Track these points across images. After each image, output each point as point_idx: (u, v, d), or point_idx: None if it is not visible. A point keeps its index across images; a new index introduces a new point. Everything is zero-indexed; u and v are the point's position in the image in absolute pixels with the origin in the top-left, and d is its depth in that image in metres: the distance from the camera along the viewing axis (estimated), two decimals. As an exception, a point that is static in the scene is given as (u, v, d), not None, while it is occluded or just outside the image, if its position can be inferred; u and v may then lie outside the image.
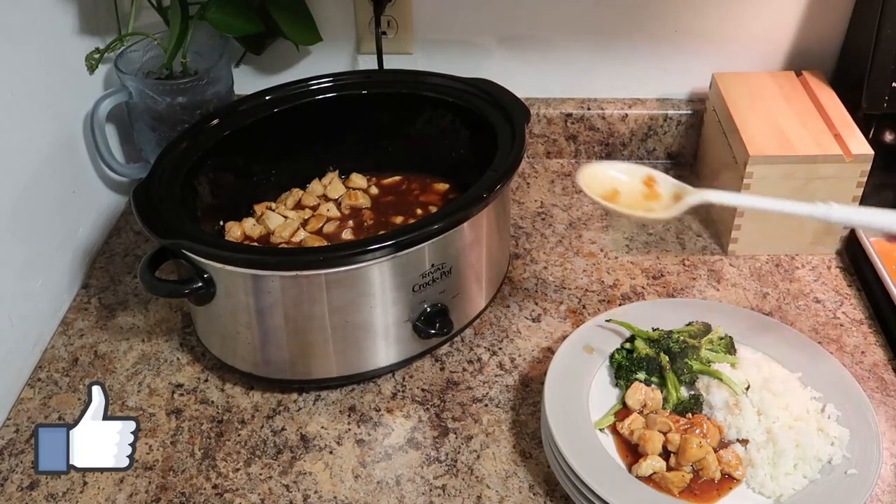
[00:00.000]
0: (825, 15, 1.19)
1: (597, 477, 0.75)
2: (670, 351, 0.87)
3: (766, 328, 0.92)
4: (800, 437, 0.79)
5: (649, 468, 0.79)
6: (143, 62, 1.15)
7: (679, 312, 0.93)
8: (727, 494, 0.78)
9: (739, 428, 0.82)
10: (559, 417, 0.81)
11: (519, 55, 1.26)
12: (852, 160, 1.02)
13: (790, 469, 0.78)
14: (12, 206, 0.96)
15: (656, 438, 0.81)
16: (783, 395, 0.83)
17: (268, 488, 0.84)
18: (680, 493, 0.77)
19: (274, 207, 1.07)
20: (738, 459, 0.80)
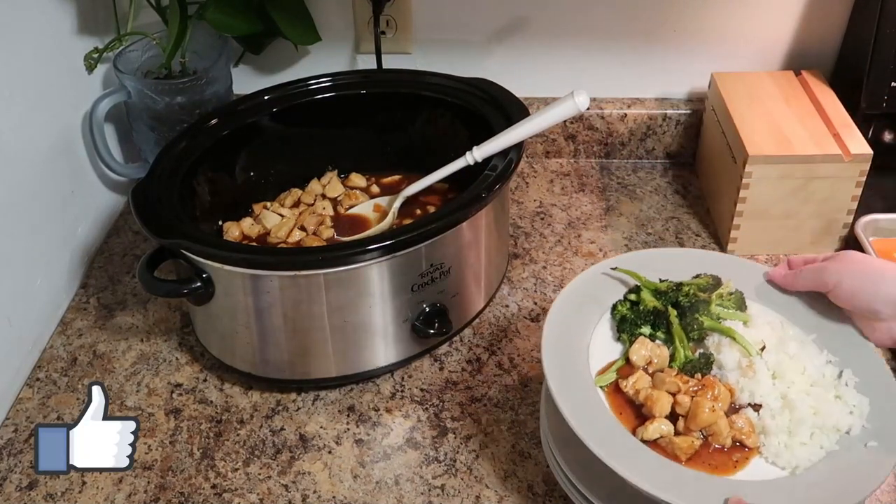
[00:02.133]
0: (824, 15, 1.19)
1: (598, 439, 0.69)
2: (679, 305, 0.80)
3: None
4: (818, 403, 0.73)
5: (656, 431, 0.73)
6: (142, 62, 1.15)
7: (687, 264, 0.86)
8: (745, 466, 0.72)
9: (753, 391, 0.75)
10: (557, 372, 0.75)
11: (518, 55, 1.26)
12: (851, 160, 1.02)
13: (806, 438, 0.72)
14: (11, 206, 0.96)
15: (665, 399, 0.74)
16: (799, 358, 0.77)
17: (267, 488, 0.84)
18: (687, 460, 0.72)
19: (269, 206, 1.07)
20: (750, 426, 0.73)
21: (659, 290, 0.83)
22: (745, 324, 0.80)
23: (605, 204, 1.22)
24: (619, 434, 0.72)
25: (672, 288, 0.82)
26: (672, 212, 1.20)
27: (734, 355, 0.78)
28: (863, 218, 1.07)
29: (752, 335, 0.79)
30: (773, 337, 0.80)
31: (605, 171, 1.29)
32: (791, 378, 0.76)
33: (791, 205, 1.06)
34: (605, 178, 1.27)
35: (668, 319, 0.80)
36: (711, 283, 0.84)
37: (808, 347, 0.79)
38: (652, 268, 0.85)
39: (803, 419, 0.73)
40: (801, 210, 1.06)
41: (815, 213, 1.07)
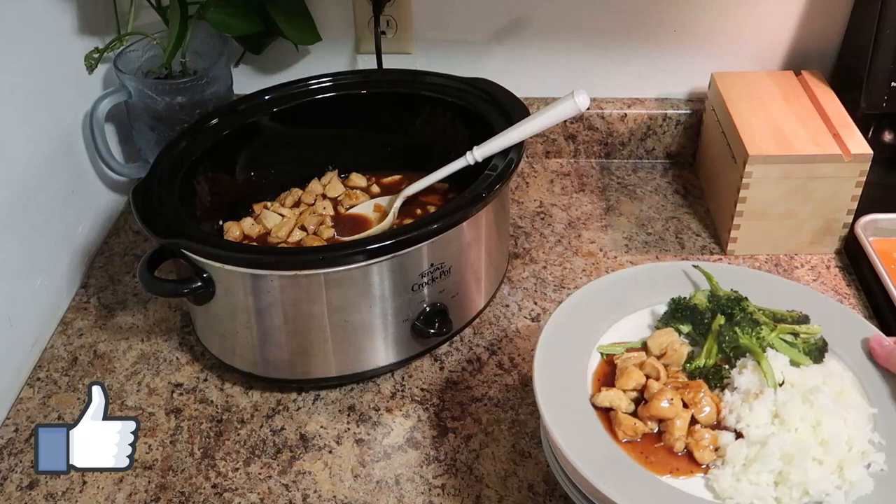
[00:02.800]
0: (824, 14, 1.19)
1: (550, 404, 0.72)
2: (731, 316, 0.79)
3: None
4: (800, 455, 0.69)
5: (606, 399, 0.73)
6: (143, 62, 1.15)
7: (789, 296, 0.84)
8: (681, 476, 0.70)
9: (741, 417, 0.73)
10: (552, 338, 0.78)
11: (518, 55, 1.26)
12: (851, 160, 1.02)
13: (760, 480, 0.69)
14: (11, 206, 0.96)
15: (634, 376, 0.74)
16: (824, 412, 0.71)
17: (267, 488, 0.84)
18: (626, 443, 0.71)
19: (270, 206, 1.07)
20: (713, 444, 0.71)
21: (719, 296, 0.82)
22: (799, 366, 0.77)
23: (606, 204, 1.22)
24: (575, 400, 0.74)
25: (731, 297, 0.81)
26: (672, 212, 1.20)
27: (751, 379, 0.75)
28: (863, 218, 1.07)
29: (797, 376, 0.75)
30: (812, 382, 0.75)
31: (605, 171, 1.29)
32: (794, 424, 0.72)
33: (791, 205, 1.06)
34: (605, 178, 1.27)
35: (709, 324, 0.80)
36: (797, 319, 0.81)
37: (850, 412, 0.73)
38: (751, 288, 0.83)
39: (768, 458, 0.69)
40: (801, 210, 1.06)
41: (815, 213, 1.07)
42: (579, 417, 0.74)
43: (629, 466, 0.70)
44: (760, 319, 0.79)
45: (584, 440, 0.72)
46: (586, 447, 0.71)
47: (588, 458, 0.69)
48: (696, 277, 0.87)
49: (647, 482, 0.69)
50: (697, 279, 0.87)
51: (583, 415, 0.74)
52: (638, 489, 0.68)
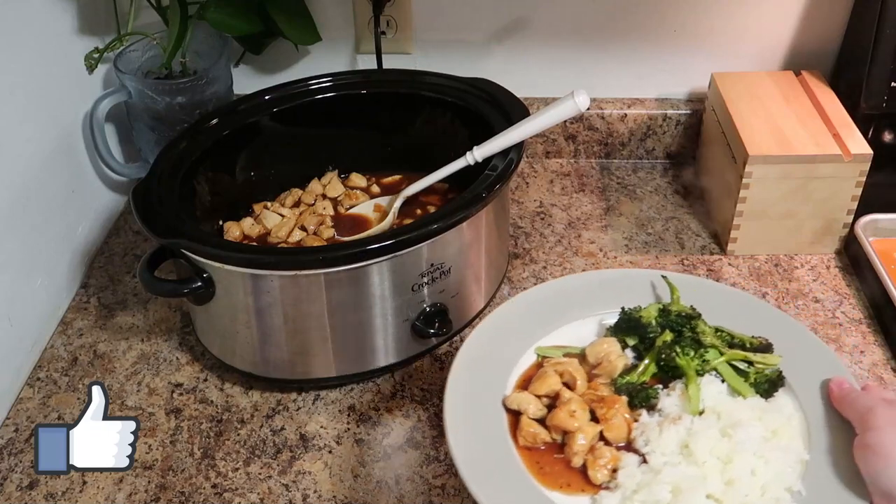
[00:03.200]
0: (824, 15, 1.19)
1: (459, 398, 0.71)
2: (680, 334, 0.75)
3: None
4: (691, 491, 0.64)
5: (515, 401, 0.72)
6: (143, 62, 1.15)
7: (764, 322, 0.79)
8: (569, 492, 0.67)
9: (649, 441, 0.69)
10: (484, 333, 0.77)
11: (518, 55, 1.26)
12: (851, 160, 1.02)
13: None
14: (11, 206, 0.96)
15: (550, 381, 0.72)
16: (739, 449, 0.67)
17: (267, 488, 0.84)
18: (527, 449, 0.69)
19: (270, 206, 1.07)
20: (613, 464, 0.68)
21: (670, 311, 0.78)
22: (742, 397, 0.73)
23: (605, 204, 1.22)
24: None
25: (683, 315, 0.77)
26: (672, 212, 1.20)
27: (675, 403, 0.72)
28: (863, 218, 1.07)
29: (730, 407, 0.71)
30: (739, 417, 0.70)
31: (605, 171, 1.29)
32: (702, 457, 0.67)
33: (791, 205, 1.06)
34: (605, 178, 1.27)
35: (654, 339, 0.76)
36: (757, 346, 0.76)
37: (785, 458, 0.67)
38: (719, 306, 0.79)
39: (656, 491, 0.65)
40: (801, 210, 1.06)
41: (815, 213, 1.07)
42: (486, 416, 0.71)
43: (516, 474, 0.68)
44: (709, 342, 0.75)
45: (480, 439, 0.69)
46: (477, 447, 0.68)
47: (473, 458, 0.67)
48: (661, 288, 0.84)
49: (528, 493, 0.66)
50: (662, 290, 0.84)
51: (491, 414, 0.72)
52: (511, 498, 0.65)
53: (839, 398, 0.70)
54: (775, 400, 0.73)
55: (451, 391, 0.72)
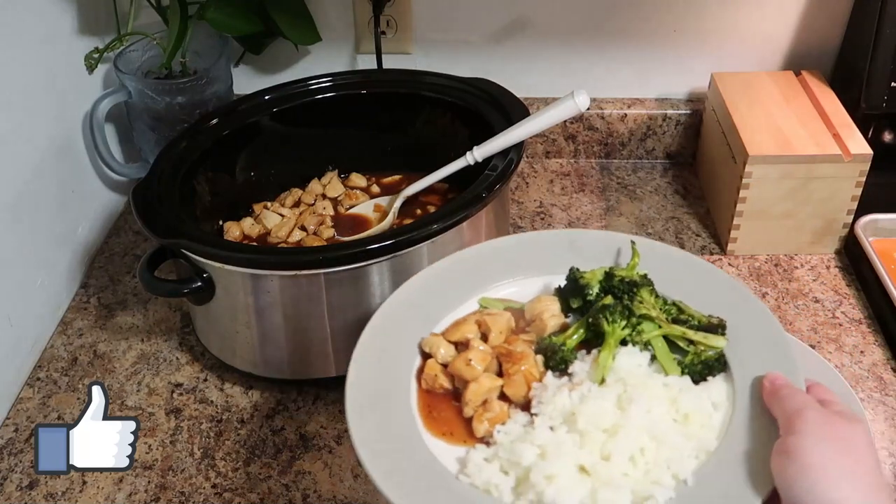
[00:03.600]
0: (824, 15, 1.19)
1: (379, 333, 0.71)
2: (619, 298, 0.70)
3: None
4: (554, 459, 0.60)
5: (428, 344, 0.71)
6: (143, 62, 1.15)
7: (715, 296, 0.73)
8: (451, 441, 0.65)
9: (541, 401, 0.65)
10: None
11: (518, 55, 1.26)
12: (851, 160, 1.02)
13: (509, 470, 0.62)
14: (11, 206, 0.96)
15: (465, 328, 0.71)
16: (627, 425, 0.62)
17: (267, 488, 0.84)
18: (426, 392, 0.68)
19: (270, 206, 1.07)
20: (501, 420, 0.65)
21: (613, 275, 0.73)
22: (666, 374, 0.67)
23: (605, 204, 1.22)
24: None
25: (628, 281, 0.72)
26: (672, 212, 1.20)
27: (586, 370, 0.68)
28: (863, 218, 1.07)
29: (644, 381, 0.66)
30: (658, 394, 0.65)
31: (605, 171, 1.29)
32: (584, 427, 0.62)
33: (791, 205, 1.06)
34: (605, 178, 1.27)
35: (592, 302, 0.72)
36: (706, 325, 0.70)
37: (683, 445, 0.62)
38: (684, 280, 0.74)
39: (520, 453, 0.61)
40: (801, 210, 1.06)
41: (815, 213, 1.07)
42: (399, 355, 0.70)
43: (402, 413, 0.66)
44: (650, 313, 0.69)
45: (381, 375, 0.69)
46: (375, 381, 0.68)
47: (365, 390, 0.67)
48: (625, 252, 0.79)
49: (405, 432, 0.65)
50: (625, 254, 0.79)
51: (405, 354, 0.71)
52: (384, 434, 0.64)
53: (770, 394, 0.63)
54: (707, 385, 0.66)
55: (373, 326, 0.71)
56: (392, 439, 0.64)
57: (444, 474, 0.62)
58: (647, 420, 0.63)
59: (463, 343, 0.71)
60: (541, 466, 0.60)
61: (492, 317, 0.73)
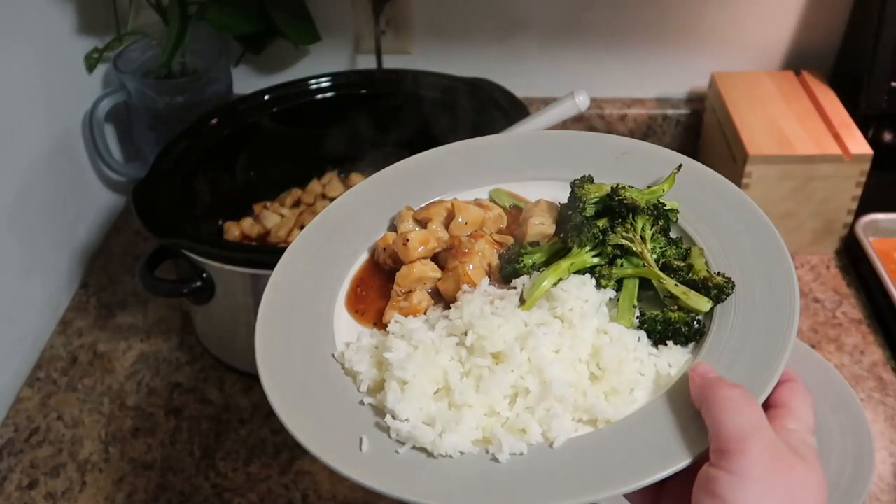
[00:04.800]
0: (824, 15, 1.19)
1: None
2: (614, 220, 0.61)
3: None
4: (416, 360, 0.54)
5: (399, 216, 0.66)
6: (142, 61, 1.15)
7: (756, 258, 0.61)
8: (357, 318, 0.61)
9: (458, 306, 0.58)
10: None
11: (517, 55, 1.26)
12: (851, 160, 1.02)
13: (370, 355, 0.57)
14: (11, 206, 0.96)
15: (435, 210, 0.66)
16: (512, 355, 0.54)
17: (267, 488, 0.84)
18: (370, 260, 0.64)
19: (269, 206, 1.07)
20: (414, 311, 0.60)
21: (620, 195, 0.61)
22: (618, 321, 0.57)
23: (605, 204, 1.21)
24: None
25: (628, 205, 0.60)
26: (672, 212, 1.19)
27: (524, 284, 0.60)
28: (863, 218, 1.07)
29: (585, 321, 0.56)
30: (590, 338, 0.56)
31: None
32: (470, 343, 0.55)
33: (791, 205, 1.06)
34: (605, 178, 1.27)
35: (588, 219, 0.61)
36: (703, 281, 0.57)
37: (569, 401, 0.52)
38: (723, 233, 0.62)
39: (395, 348, 0.56)
40: (801, 210, 1.06)
41: (815, 213, 1.07)
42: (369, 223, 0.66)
43: (326, 283, 0.62)
44: (633, 247, 0.59)
45: (335, 246, 0.65)
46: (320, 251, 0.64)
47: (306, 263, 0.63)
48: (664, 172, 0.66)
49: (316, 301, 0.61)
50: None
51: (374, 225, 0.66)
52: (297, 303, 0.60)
53: (698, 386, 0.49)
54: (663, 351, 0.55)
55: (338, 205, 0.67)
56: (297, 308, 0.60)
57: (321, 348, 0.58)
58: (541, 361, 0.53)
59: (423, 223, 0.65)
60: (396, 367, 0.54)
61: (464, 205, 0.65)
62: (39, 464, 0.87)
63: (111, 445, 0.89)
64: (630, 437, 0.50)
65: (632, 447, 0.50)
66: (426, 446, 0.51)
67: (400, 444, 0.52)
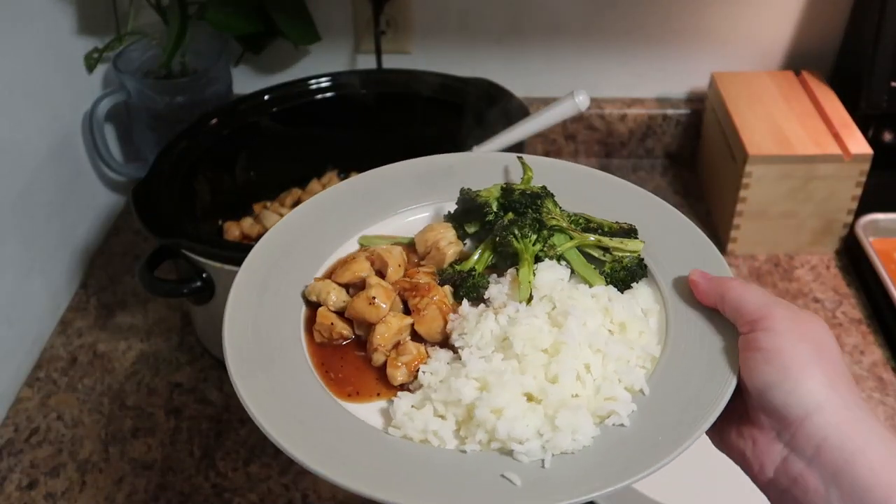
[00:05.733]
0: (824, 14, 1.19)
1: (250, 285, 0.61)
2: (522, 213, 0.63)
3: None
4: (497, 387, 0.53)
5: (315, 291, 0.61)
6: (142, 61, 1.15)
7: (632, 206, 0.69)
8: (358, 400, 0.56)
9: (465, 333, 0.58)
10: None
11: (517, 55, 1.26)
12: (851, 160, 1.02)
13: (447, 412, 0.54)
14: (11, 206, 0.96)
15: (357, 267, 0.61)
16: (568, 342, 0.55)
17: (267, 488, 0.84)
18: (321, 346, 0.59)
19: (269, 206, 1.07)
20: (418, 361, 0.57)
21: (513, 190, 0.65)
22: (590, 285, 0.61)
23: (605, 204, 1.21)
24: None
25: (529, 194, 0.65)
26: (672, 212, 1.19)
27: (505, 292, 0.61)
28: (863, 218, 1.07)
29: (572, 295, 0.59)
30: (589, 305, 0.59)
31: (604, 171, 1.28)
32: (522, 350, 0.56)
33: (791, 205, 1.06)
34: (605, 178, 1.27)
35: (492, 221, 0.64)
36: (618, 231, 0.65)
37: (628, 356, 0.56)
38: (584, 191, 0.69)
39: (456, 389, 0.54)
40: (801, 210, 1.06)
41: (815, 213, 1.07)
42: (279, 306, 0.60)
43: (301, 375, 0.57)
44: (559, 224, 0.63)
45: (264, 332, 0.58)
46: (258, 340, 0.58)
47: (247, 353, 0.57)
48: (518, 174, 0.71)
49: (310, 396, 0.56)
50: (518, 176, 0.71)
51: (286, 305, 0.60)
52: (286, 405, 0.55)
53: (711, 290, 0.58)
54: (632, 292, 0.62)
55: (244, 278, 0.61)
56: (296, 406, 0.55)
57: (369, 432, 0.53)
58: (586, 333, 0.56)
59: (356, 284, 0.61)
60: (485, 400, 0.52)
61: (385, 251, 0.63)
62: (39, 464, 0.87)
63: (111, 445, 0.89)
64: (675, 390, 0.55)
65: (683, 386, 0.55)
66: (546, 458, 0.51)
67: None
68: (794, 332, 0.53)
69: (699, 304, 0.59)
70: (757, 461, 0.52)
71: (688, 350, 0.57)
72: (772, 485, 0.52)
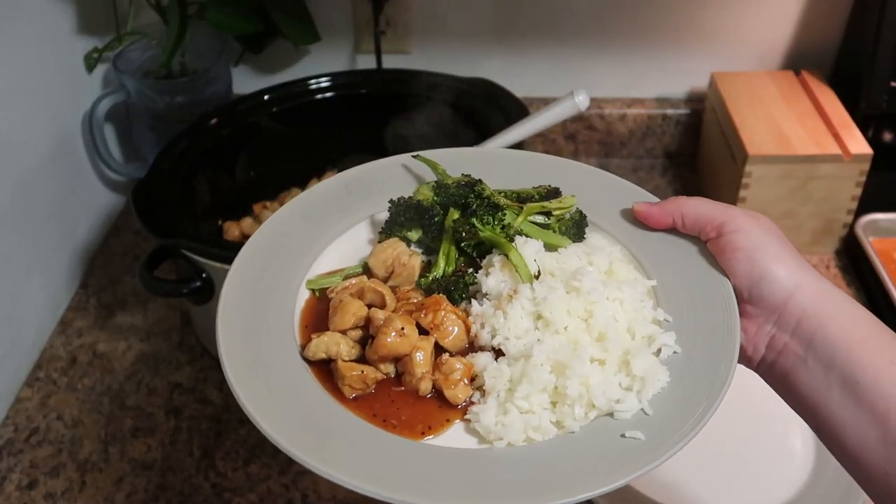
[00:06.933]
0: (824, 15, 1.19)
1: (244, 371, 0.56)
2: (464, 205, 0.62)
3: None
4: (574, 361, 0.53)
5: (319, 349, 0.55)
6: (142, 61, 1.15)
7: (532, 171, 0.69)
8: (434, 432, 0.53)
9: (497, 329, 0.56)
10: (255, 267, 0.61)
11: (517, 55, 1.26)
12: (851, 160, 1.02)
13: (533, 404, 0.53)
14: (11, 206, 0.96)
15: (352, 308, 0.57)
16: (593, 299, 0.57)
17: (266, 488, 0.84)
18: (356, 400, 0.54)
19: (269, 206, 1.07)
20: (468, 374, 0.55)
21: (447, 185, 0.64)
22: (557, 249, 0.62)
23: (605, 204, 1.21)
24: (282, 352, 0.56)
25: (462, 183, 0.63)
26: (672, 212, 1.19)
27: (501, 279, 0.60)
28: (863, 218, 1.07)
29: (556, 262, 0.60)
30: (579, 263, 0.61)
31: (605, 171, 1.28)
32: (561, 322, 0.56)
33: (791, 205, 1.06)
34: (604, 178, 1.27)
35: (441, 222, 0.62)
36: (546, 194, 0.66)
37: (632, 292, 0.58)
38: (488, 171, 0.67)
39: (536, 377, 0.53)
40: (801, 210, 1.06)
41: (815, 213, 1.07)
42: (287, 380, 0.55)
43: (360, 432, 0.52)
44: (501, 203, 0.63)
45: (295, 410, 0.53)
46: (297, 420, 0.53)
47: (299, 434, 0.52)
48: (421, 171, 0.70)
49: (388, 449, 0.52)
50: (423, 173, 0.69)
51: (292, 376, 0.55)
52: (373, 463, 0.51)
53: (667, 212, 0.62)
54: (588, 242, 0.64)
55: (232, 368, 0.57)
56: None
57: (472, 455, 0.51)
58: (599, 288, 0.57)
59: (360, 325, 0.58)
60: (567, 379, 0.52)
61: (357, 285, 0.60)
62: (39, 464, 0.87)
63: (111, 445, 0.89)
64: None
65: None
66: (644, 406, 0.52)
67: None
68: (758, 228, 0.58)
69: (649, 232, 0.63)
70: (750, 345, 0.57)
71: (673, 272, 0.60)
72: (763, 363, 0.57)
